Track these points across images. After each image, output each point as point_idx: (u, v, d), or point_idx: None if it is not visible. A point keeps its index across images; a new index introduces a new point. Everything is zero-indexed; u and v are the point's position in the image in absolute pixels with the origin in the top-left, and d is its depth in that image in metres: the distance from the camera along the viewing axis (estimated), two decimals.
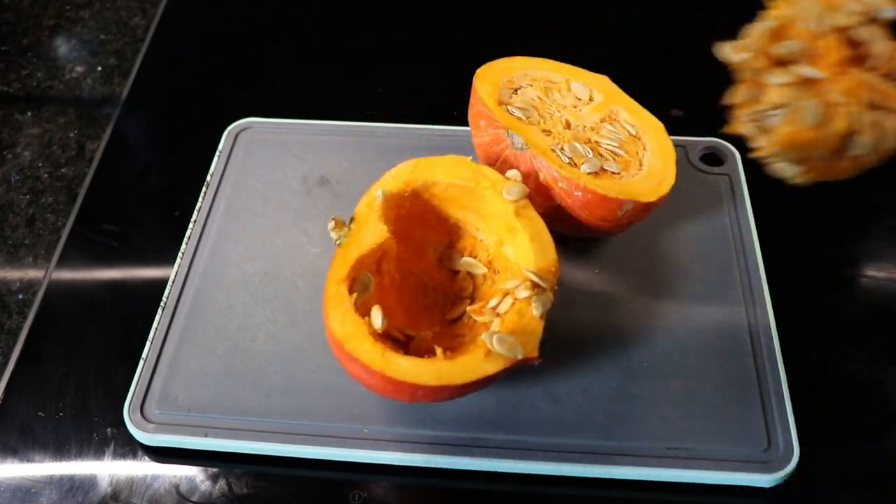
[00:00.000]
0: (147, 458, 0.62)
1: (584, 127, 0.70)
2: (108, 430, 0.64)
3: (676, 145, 0.80)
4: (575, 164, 0.67)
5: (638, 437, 0.60)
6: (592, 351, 0.65)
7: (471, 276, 0.67)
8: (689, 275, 0.70)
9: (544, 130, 0.69)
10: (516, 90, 0.72)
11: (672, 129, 0.71)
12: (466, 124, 0.74)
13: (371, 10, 1.02)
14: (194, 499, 0.60)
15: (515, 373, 0.64)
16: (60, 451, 0.63)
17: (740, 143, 0.69)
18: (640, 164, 0.68)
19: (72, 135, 2.04)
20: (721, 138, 0.81)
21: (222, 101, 0.90)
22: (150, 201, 0.81)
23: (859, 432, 0.63)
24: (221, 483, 0.61)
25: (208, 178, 0.78)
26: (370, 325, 0.56)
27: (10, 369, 0.68)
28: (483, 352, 0.55)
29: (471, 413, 0.62)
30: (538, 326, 0.57)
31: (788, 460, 0.59)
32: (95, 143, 1.99)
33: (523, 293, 0.58)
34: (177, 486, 0.61)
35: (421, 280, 0.66)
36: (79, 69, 2.20)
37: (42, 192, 1.91)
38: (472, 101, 0.72)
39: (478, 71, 0.72)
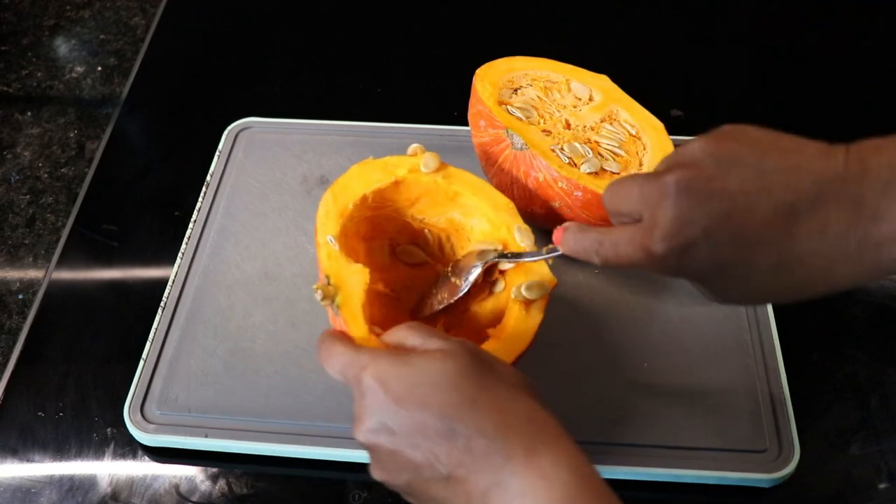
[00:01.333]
0: (147, 458, 0.62)
1: (584, 127, 0.70)
2: (108, 430, 0.64)
3: (676, 145, 0.80)
4: (575, 164, 0.67)
5: (638, 437, 0.60)
6: (592, 351, 0.65)
7: (432, 262, 0.67)
8: None
9: (544, 130, 0.69)
10: (516, 90, 0.72)
11: (672, 129, 0.71)
12: (466, 124, 0.74)
13: (371, 10, 1.02)
14: (194, 499, 0.60)
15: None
16: (60, 451, 0.63)
17: None
18: (640, 164, 0.68)
19: (72, 135, 2.04)
20: None
21: (222, 101, 0.90)
22: (150, 201, 0.81)
23: (859, 432, 0.63)
24: (221, 483, 0.61)
25: (208, 178, 0.78)
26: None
27: (10, 369, 0.68)
28: (521, 310, 0.58)
29: None
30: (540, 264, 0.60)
31: (788, 460, 0.59)
32: (95, 143, 1.99)
33: (498, 255, 0.60)
34: (177, 486, 0.61)
35: (395, 285, 0.66)
36: (79, 69, 2.20)
37: (42, 192, 1.91)
38: (472, 100, 0.72)
39: (478, 71, 0.72)
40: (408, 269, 0.67)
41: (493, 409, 0.44)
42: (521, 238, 0.61)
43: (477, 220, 0.65)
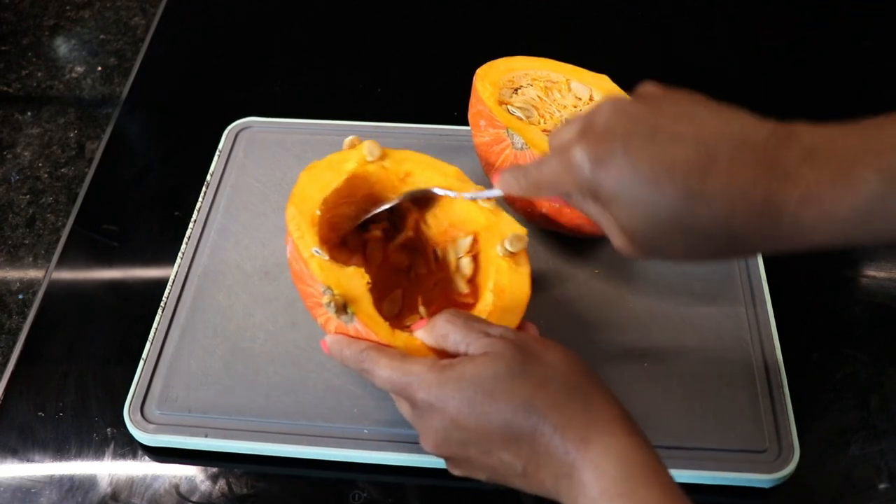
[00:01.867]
0: (147, 458, 0.62)
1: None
2: (108, 430, 0.64)
3: None
4: None
5: None
6: (592, 351, 0.65)
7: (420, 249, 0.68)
8: (689, 274, 0.70)
9: (545, 130, 0.69)
10: (517, 90, 0.72)
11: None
12: (466, 124, 0.74)
13: (371, 10, 1.02)
14: (194, 499, 0.60)
15: None
16: (60, 451, 0.63)
17: None
18: None
19: (72, 135, 2.04)
20: None
21: (222, 101, 0.90)
22: (150, 201, 0.81)
23: (859, 432, 0.63)
24: (221, 483, 0.61)
25: (208, 177, 0.78)
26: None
27: (10, 369, 0.68)
28: (510, 265, 0.59)
29: None
30: (501, 215, 0.62)
31: (788, 460, 0.59)
32: (95, 143, 1.99)
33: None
34: (177, 486, 0.61)
35: (378, 272, 0.67)
36: (79, 69, 2.20)
37: (42, 192, 1.91)
38: (472, 100, 0.72)
39: (478, 71, 0.72)
40: (387, 252, 0.68)
41: (550, 407, 0.46)
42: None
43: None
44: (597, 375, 0.49)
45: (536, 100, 0.72)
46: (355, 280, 0.57)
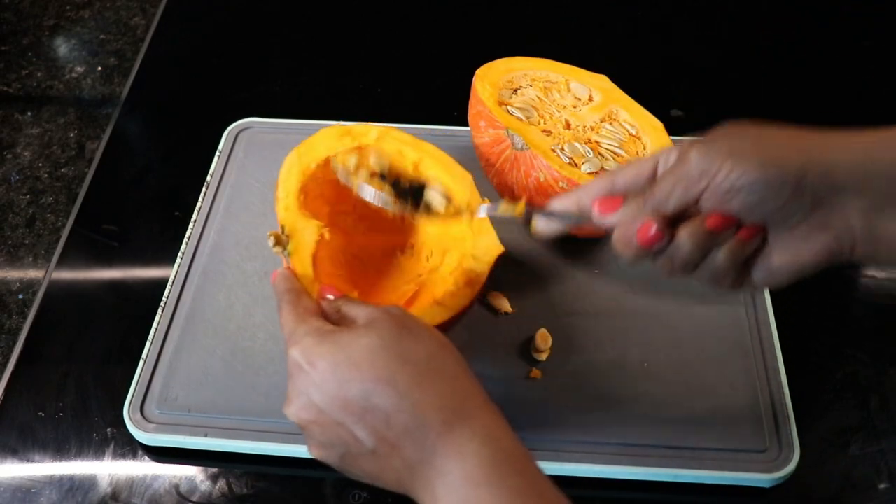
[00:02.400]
0: (147, 458, 0.62)
1: (584, 126, 0.70)
2: (108, 430, 0.64)
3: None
4: (575, 164, 0.67)
5: (638, 437, 0.60)
6: (592, 351, 0.65)
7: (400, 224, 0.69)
8: None
9: (544, 130, 0.69)
10: (516, 90, 0.72)
11: (672, 129, 0.71)
12: (466, 124, 0.74)
13: (371, 10, 1.02)
14: (194, 499, 0.60)
15: (515, 371, 0.64)
16: (60, 451, 0.63)
17: None
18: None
19: (72, 135, 2.04)
20: None
21: (222, 101, 0.90)
22: (150, 201, 0.81)
23: (859, 432, 0.63)
24: (221, 483, 0.61)
25: (208, 178, 0.78)
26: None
27: (10, 369, 0.68)
28: (463, 277, 0.60)
29: None
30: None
31: (788, 460, 0.59)
32: (95, 143, 1.99)
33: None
34: (177, 486, 0.61)
35: (361, 251, 0.68)
36: (79, 69, 2.20)
37: (42, 192, 1.91)
38: (472, 101, 0.72)
39: (477, 71, 0.72)
40: (375, 237, 0.68)
41: (413, 385, 0.45)
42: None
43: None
44: (466, 365, 0.48)
45: (536, 100, 0.72)
46: (309, 230, 0.60)
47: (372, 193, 0.58)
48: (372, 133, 0.66)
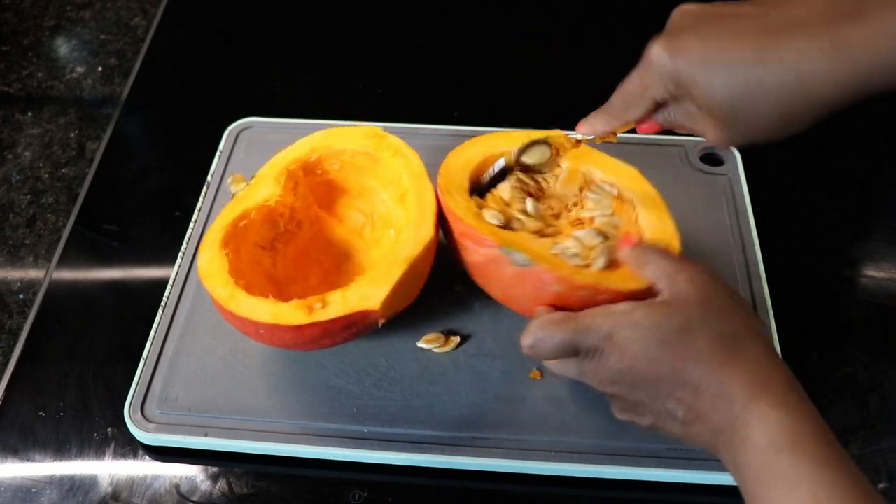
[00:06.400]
0: (147, 457, 0.62)
1: (569, 205, 0.64)
2: (109, 429, 0.64)
3: (676, 145, 0.80)
4: (587, 258, 0.58)
5: (638, 437, 0.60)
6: None
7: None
8: None
9: (536, 231, 0.61)
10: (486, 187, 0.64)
11: (672, 130, 0.71)
12: (466, 124, 0.73)
13: (371, 10, 1.02)
14: (194, 499, 0.60)
15: (515, 371, 0.64)
16: (61, 451, 0.63)
17: None
18: (641, 230, 0.61)
19: (72, 135, 2.04)
20: None
21: (222, 101, 0.90)
22: (150, 201, 0.81)
23: (859, 432, 0.63)
24: (221, 483, 0.61)
25: (208, 178, 0.78)
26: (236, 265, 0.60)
27: (11, 369, 0.68)
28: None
29: (471, 413, 0.62)
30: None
31: None
32: (96, 143, 2.00)
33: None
34: (177, 486, 0.61)
35: (333, 243, 0.69)
36: (79, 69, 2.20)
37: (42, 192, 1.91)
38: (448, 216, 0.61)
39: (438, 183, 0.62)
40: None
41: (720, 363, 0.48)
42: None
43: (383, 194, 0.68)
44: (770, 336, 0.53)
45: (510, 193, 0.63)
46: (268, 190, 0.65)
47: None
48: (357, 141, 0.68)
